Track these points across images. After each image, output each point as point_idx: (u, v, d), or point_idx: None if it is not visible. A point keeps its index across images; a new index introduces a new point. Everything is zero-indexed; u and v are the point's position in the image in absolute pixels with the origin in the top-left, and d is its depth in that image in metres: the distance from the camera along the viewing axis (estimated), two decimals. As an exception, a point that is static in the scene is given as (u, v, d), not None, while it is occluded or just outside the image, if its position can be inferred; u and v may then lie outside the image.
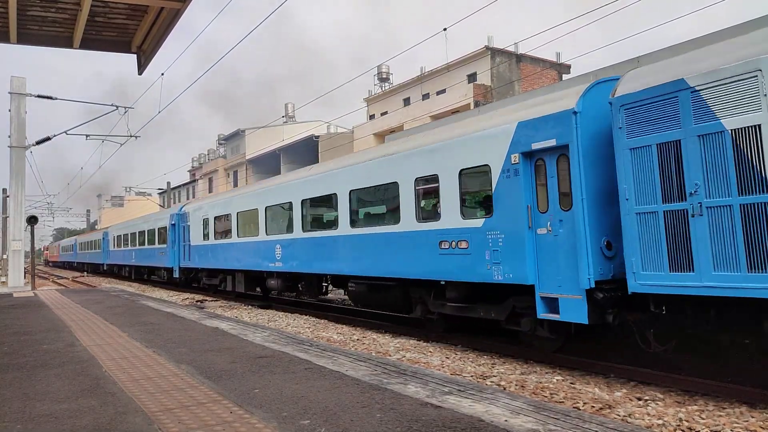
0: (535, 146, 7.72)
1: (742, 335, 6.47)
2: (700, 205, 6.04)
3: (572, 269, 7.26)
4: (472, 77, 36.11)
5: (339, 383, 5.05)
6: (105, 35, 10.65)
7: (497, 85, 35.00)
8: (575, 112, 7.32)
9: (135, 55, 11.10)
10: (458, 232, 9.00)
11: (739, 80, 5.76)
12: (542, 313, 7.62)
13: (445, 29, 17.58)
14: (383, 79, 46.68)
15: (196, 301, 19.71)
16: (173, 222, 23.70)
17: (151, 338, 7.99)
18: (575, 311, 7.17)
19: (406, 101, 40.95)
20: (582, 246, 7.12)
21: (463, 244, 8.87)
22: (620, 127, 6.78)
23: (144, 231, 28.79)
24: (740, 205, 5.75)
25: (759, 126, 5.61)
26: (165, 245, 24.79)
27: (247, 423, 3.92)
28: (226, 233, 18.44)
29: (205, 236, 20.23)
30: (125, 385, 5.15)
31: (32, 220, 24.01)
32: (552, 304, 7.57)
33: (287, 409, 4.24)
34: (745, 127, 5.71)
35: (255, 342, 7.46)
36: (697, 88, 6.06)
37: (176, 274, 23.49)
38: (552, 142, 7.52)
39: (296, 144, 42.69)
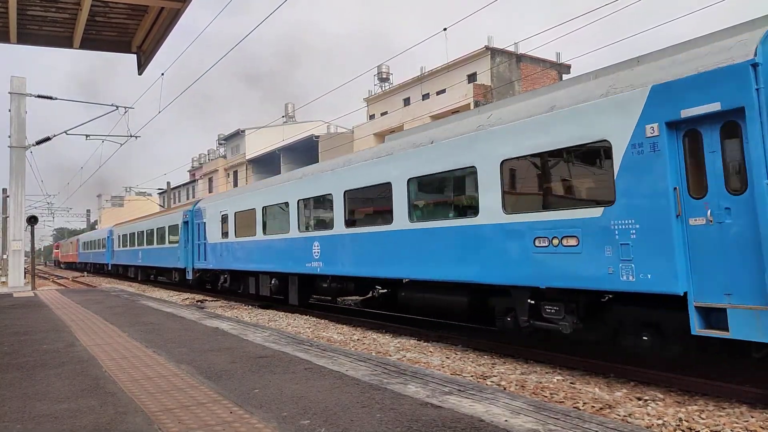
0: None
1: None
2: None
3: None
4: (472, 77, 36.10)
5: (339, 383, 5.05)
6: (105, 35, 10.65)
7: (497, 85, 34.99)
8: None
9: (135, 55, 11.10)
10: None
11: None
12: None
13: (445, 29, 17.59)
14: (383, 79, 46.67)
15: (197, 301, 19.71)
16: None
17: (151, 338, 7.98)
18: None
19: (406, 101, 40.94)
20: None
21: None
22: None
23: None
24: None
25: None
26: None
27: (247, 423, 3.92)
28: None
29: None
30: (125, 385, 5.15)
31: (32, 220, 24.01)
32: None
33: (287, 409, 4.24)
34: None
35: (255, 342, 7.46)
36: None
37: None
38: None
39: (296, 144, 42.70)
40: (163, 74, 18.57)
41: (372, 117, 43.83)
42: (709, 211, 5.95)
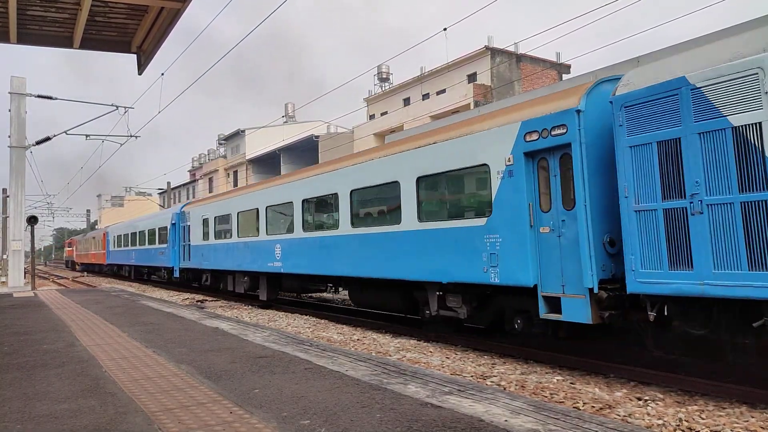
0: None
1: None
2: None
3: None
4: (472, 77, 36.11)
5: (339, 383, 5.05)
6: (105, 35, 10.64)
7: (497, 85, 35.00)
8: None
9: (135, 55, 11.10)
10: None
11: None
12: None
13: (445, 29, 17.59)
14: (383, 79, 46.69)
15: (197, 301, 19.71)
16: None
17: (151, 338, 7.99)
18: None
19: (406, 101, 40.95)
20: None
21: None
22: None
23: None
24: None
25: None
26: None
27: (247, 423, 3.92)
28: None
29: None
30: (125, 385, 5.15)
31: (32, 220, 24.01)
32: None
33: (287, 409, 4.24)
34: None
35: (255, 342, 7.46)
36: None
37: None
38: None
39: (296, 144, 42.70)
40: (163, 74, 18.57)
41: (372, 117, 43.84)
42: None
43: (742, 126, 5.75)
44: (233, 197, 18.44)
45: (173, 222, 23.66)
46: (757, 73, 5.66)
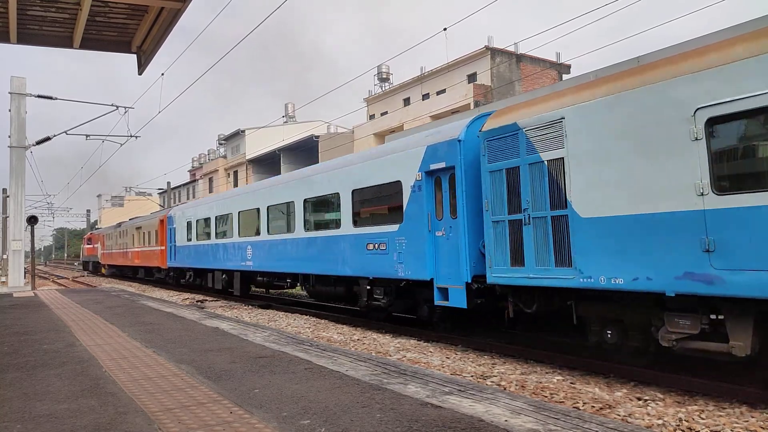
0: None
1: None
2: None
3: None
4: (472, 77, 36.10)
5: (339, 383, 5.05)
6: (105, 35, 10.64)
7: (497, 85, 34.99)
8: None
9: (135, 55, 11.10)
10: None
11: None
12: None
13: (445, 29, 17.59)
14: (383, 79, 46.65)
15: (197, 301, 19.70)
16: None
17: (151, 338, 7.99)
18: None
19: (406, 101, 40.94)
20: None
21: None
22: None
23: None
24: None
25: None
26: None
27: (247, 423, 3.92)
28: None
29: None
30: (125, 385, 5.15)
31: (32, 220, 24.02)
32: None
33: (287, 409, 4.24)
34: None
35: (255, 342, 7.46)
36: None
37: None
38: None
39: (296, 144, 42.69)
40: (163, 74, 18.57)
41: (372, 117, 43.82)
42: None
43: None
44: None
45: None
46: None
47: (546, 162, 7.57)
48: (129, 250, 33.02)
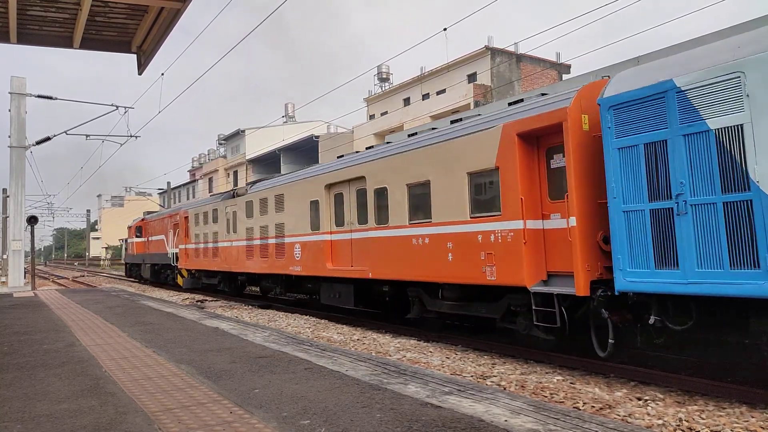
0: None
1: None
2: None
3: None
4: (472, 77, 36.09)
5: (339, 383, 5.05)
6: (105, 35, 10.64)
7: (497, 84, 34.99)
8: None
9: (135, 55, 11.10)
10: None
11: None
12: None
13: (445, 29, 17.58)
14: (383, 79, 46.65)
15: (197, 301, 19.70)
16: None
17: (151, 338, 7.98)
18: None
19: (406, 101, 40.93)
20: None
21: None
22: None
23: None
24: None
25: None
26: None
27: (247, 423, 3.92)
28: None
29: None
30: (125, 385, 5.15)
31: (32, 220, 24.01)
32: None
33: (287, 409, 4.24)
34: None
35: (255, 342, 7.46)
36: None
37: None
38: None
39: (296, 144, 42.68)
40: (163, 74, 18.56)
41: (372, 117, 43.81)
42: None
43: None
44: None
45: None
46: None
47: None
48: (221, 244, 18.55)
